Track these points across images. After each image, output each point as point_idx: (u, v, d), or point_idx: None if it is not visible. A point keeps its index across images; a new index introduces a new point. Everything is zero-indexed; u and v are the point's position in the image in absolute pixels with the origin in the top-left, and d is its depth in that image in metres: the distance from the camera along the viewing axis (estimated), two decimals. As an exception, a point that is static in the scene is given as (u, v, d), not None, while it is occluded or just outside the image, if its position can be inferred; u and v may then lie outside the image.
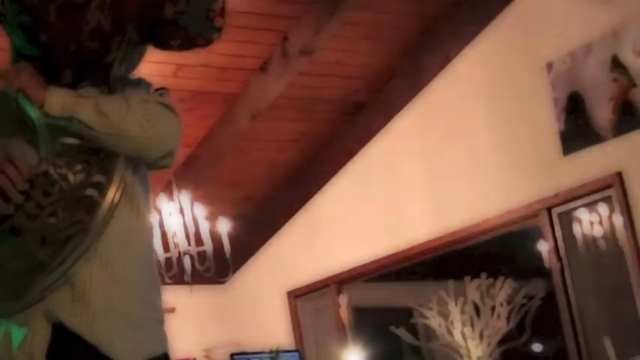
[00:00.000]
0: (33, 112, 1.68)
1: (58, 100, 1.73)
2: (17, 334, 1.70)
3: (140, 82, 1.91)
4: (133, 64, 1.91)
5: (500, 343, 6.05)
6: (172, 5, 1.76)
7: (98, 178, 1.74)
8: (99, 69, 1.80)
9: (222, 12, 1.84)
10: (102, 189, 1.73)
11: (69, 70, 1.77)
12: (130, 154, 1.77)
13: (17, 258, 1.69)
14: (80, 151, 1.75)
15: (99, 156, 1.76)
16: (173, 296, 7.19)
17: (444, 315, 6.16)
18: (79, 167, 1.75)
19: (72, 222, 1.70)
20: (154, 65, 5.68)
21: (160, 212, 5.90)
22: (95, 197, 1.72)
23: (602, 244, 5.59)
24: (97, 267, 1.75)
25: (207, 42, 1.88)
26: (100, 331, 1.73)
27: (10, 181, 1.67)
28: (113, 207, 1.73)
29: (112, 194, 1.73)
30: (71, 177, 1.74)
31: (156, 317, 1.88)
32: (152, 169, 1.89)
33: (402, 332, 6.45)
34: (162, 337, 1.88)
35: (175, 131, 1.86)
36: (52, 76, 1.76)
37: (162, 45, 1.85)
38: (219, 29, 1.86)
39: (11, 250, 1.69)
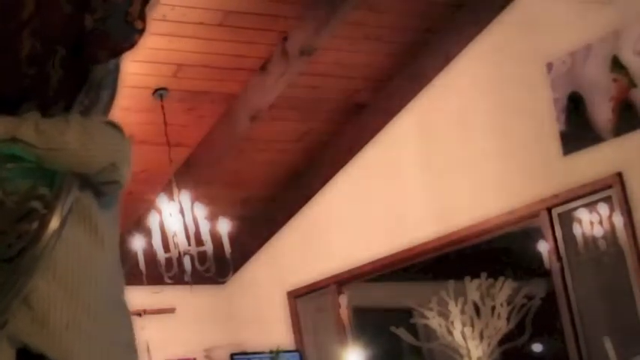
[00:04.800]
0: None
1: (1, 125, 1.76)
2: None
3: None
4: (106, 108, 1.92)
5: (501, 343, 6.06)
6: (90, 15, 1.80)
7: (42, 190, 1.76)
8: (45, 99, 1.82)
9: (141, 14, 1.87)
10: (46, 201, 1.75)
11: (16, 103, 1.80)
12: (71, 168, 1.79)
13: None
14: (27, 174, 1.78)
15: (45, 175, 1.78)
16: (173, 296, 7.21)
17: (444, 315, 6.17)
18: (28, 186, 1.77)
19: (19, 234, 1.72)
20: (154, 65, 5.69)
21: (160, 212, 5.90)
22: (39, 210, 1.74)
23: (602, 244, 5.59)
24: (54, 287, 1.76)
25: (131, 45, 1.91)
26: (63, 347, 1.74)
27: None
28: (60, 221, 1.75)
29: (58, 209, 1.75)
30: (19, 197, 1.76)
31: (124, 340, 1.87)
32: (105, 189, 1.89)
33: (402, 332, 6.46)
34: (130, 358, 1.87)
35: (118, 145, 1.88)
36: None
37: (93, 59, 1.87)
38: (141, 31, 1.89)
39: None
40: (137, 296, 6.79)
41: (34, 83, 1.79)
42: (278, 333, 7.35)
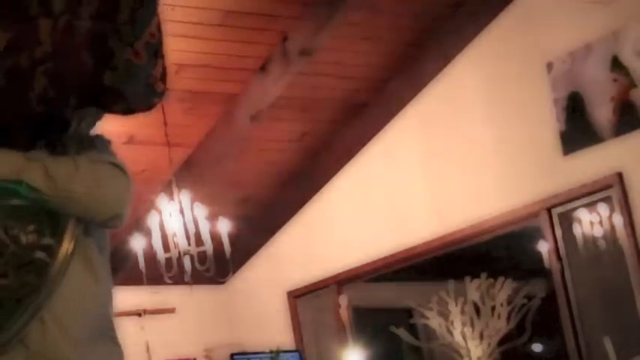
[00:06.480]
0: None
1: (8, 163, 1.75)
2: None
3: (96, 139, 1.92)
4: (93, 121, 1.92)
5: (501, 343, 6.06)
6: (111, 73, 1.78)
7: (47, 240, 1.75)
8: (54, 129, 1.81)
9: (163, 77, 1.86)
10: (51, 251, 1.75)
11: (21, 132, 1.79)
12: (78, 215, 1.80)
13: None
14: (32, 211, 1.77)
15: (50, 216, 1.78)
16: (173, 296, 7.21)
17: (444, 315, 6.17)
18: (31, 227, 1.76)
19: (21, 284, 1.73)
20: (154, 65, 5.68)
21: (160, 212, 5.90)
22: (44, 259, 1.74)
23: (602, 244, 5.59)
24: (51, 327, 1.77)
25: (148, 107, 1.90)
26: None
27: None
28: (63, 269, 1.75)
29: (61, 256, 1.76)
30: (23, 238, 1.75)
31: None
32: (102, 228, 1.90)
33: (402, 332, 6.46)
34: None
35: (123, 193, 1.88)
36: (5, 137, 1.77)
37: (107, 109, 1.87)
38: (161, 94, 1.88)
39: None
40: (137, 296, 6.82)
41: (42, 119, 1.78)
42: (278, 333, 7.35)
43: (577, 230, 5.69)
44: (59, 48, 1.72)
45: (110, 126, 1.94)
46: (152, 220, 5.85)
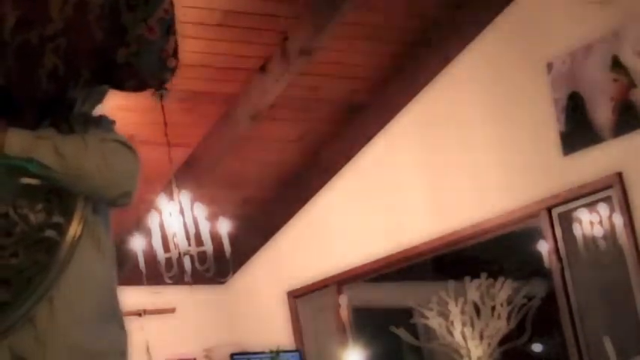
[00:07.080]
0: None
1: (18, 141, 1.74)
2: None
3: (101, 119, 1.92)
4: (96, 101, 1.92)
5: (501, 343, 6.06)
6: (125, 49, 1.78)
7: (57, 219, 1.76)
8: (60, 108, 1.81)
9: (175, 53, 1.87)
10: (61, 230, 1.75)
11: (30, 110, 1.78)
12: (87, 193, 1.79)
13: None
14: (40, 190, 1.77)
15: (59, 195, 1.77)
16: (173, 296, 7.21)
17: (444, 315, 6.17)
18: (39, 206, 1.76)
19: (32, 262, 1.73)
20: (154, 65, 5.68)
21: (160, 212, 5.90)
22: (54, 238, 1.74)
23: (602, 244, 5.59)
24: (59, 307, 1.77)
25: (161, 83, 1.91)
26: None
27: None
28: (72, 247, 1.76)
29: (71, 234, 1.76)
30: (32, 217, 1.75)
31: (118, 349, 1.89)
32: (111, 206, 1.90)
33: (402, 332, 6.46)
34: None
35: (132, 171, 1.88)
36: (13, 116, 1.77)
37: (118, 86, 1.87)
38: (173, 70, 1.89)
39: None
40: (137, 296, 6.81)
41: (50, 97, 1.77)
42: (278, 333, 7.35)
43: (577, 230, 5.69)
44: (71, 25, 1.71)
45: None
46: (152, 220, 5.86)
